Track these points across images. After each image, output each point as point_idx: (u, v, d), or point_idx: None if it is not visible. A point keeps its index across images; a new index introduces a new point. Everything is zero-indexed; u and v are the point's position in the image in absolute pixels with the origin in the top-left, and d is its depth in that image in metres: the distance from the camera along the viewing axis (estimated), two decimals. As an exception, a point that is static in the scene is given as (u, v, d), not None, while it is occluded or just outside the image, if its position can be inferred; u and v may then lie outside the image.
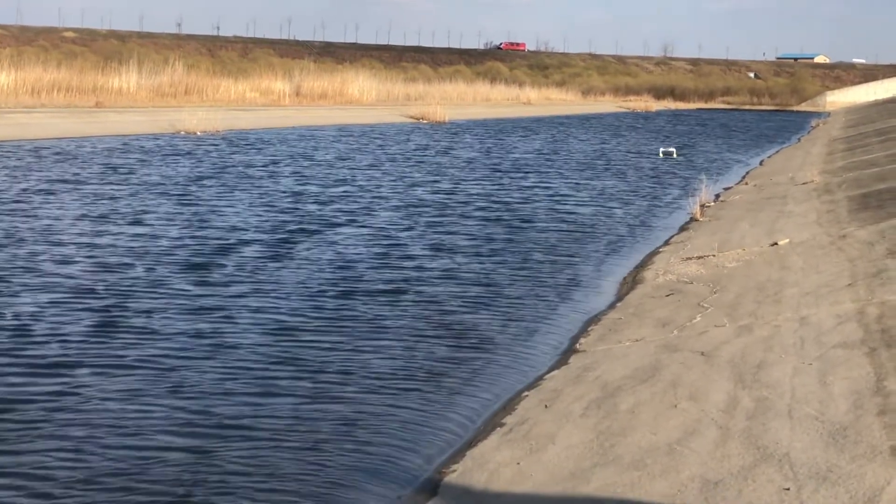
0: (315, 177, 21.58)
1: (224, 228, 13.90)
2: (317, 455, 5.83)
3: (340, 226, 14.61)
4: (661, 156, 31.28)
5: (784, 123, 64.55)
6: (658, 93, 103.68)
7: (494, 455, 5.60)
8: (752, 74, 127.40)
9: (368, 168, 24.19)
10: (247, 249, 12.31)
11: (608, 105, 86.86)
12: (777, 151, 34.81)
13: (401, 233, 14.14)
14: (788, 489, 4.46)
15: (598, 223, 15.87)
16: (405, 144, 33.33)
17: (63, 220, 14.12)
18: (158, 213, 15.11)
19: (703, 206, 16.40)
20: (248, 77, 53.12)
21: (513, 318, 9.25)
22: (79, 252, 11.76)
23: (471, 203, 17.76)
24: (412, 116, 48.87)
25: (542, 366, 7.75)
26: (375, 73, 65.17)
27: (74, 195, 16.88)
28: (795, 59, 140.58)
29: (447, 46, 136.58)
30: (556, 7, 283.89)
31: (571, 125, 52.68)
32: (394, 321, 8.99)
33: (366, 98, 55.96)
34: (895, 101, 57.82)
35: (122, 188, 18.08)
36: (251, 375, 7.27)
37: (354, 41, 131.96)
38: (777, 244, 11.36)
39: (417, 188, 20.09)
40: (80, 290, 9.72)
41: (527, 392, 6.92)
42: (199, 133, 32.65)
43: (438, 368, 7.59)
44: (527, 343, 8.47)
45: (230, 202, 16.75)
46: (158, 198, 16.95)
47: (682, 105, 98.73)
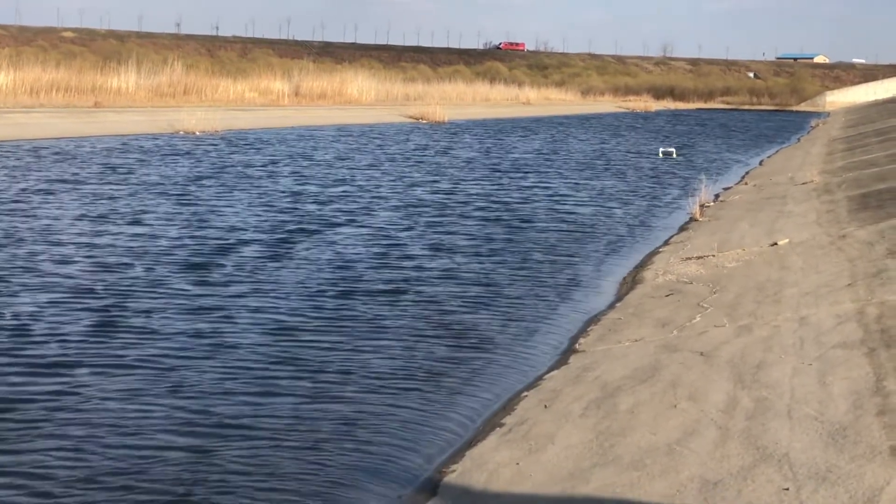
0: (314, 177, 21.58)
1: (223, 228, 13.90)
2: (317, 454, 5.83)
3: (340, 226, 14.61)
4: (661, 156, 31.28)
5: (783, 123, 64.55)
6: (657, 93, 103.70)
7: (494, 455, 5.60)
8: (752, 74, 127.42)
9: (368, 168, 24.19)
10: (246, 249, 12.31)
11: (607, 105, 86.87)
12: (776, 151, 34.82)
13: (400, 233, 14.14)
14: (788, 489, 4.46)
15: (598, 223, 15.87)
16: (404, 144, 33.34)
17: (62, 220, 14.13)
18: (157, 213, 15.11)
19: (703, 206, 16.40)
20: (247, 77, 53.13)
21: (512, 318, 9.25)
22: (78, 252, 11.76)
23: (470, 203, 17.76)
24: (411, 116, 48.87)
25: (542, 366, 7.75)
26: (374, 73, 65.23)
27: (73, 195, 16.88)
28: (795, 59, 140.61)
29: (446, 46, 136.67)
30: (556, 7, 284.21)
31: (571, 125, 52.68)
32: (393, 321, 8.99)
33: (365, 98, 55.99)
34: (895, 101, 57.84)
35: (121, 188, 18.08)
36: (251, 375, 7.28)
37: (353, 41, 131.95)
38: (777, 244, 11.36)
39: (417, 188, 20.09)
40: (80, 290, 9.73)
41: (526, 392, 6.93)
42: (198, 133, 32.64)
43: (438, 368, 7.60)
44: (526, 343, 8.47)
45: (229, 202, 16.76)
46: (157, 198, 16.95)
47: (682, 105, 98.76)
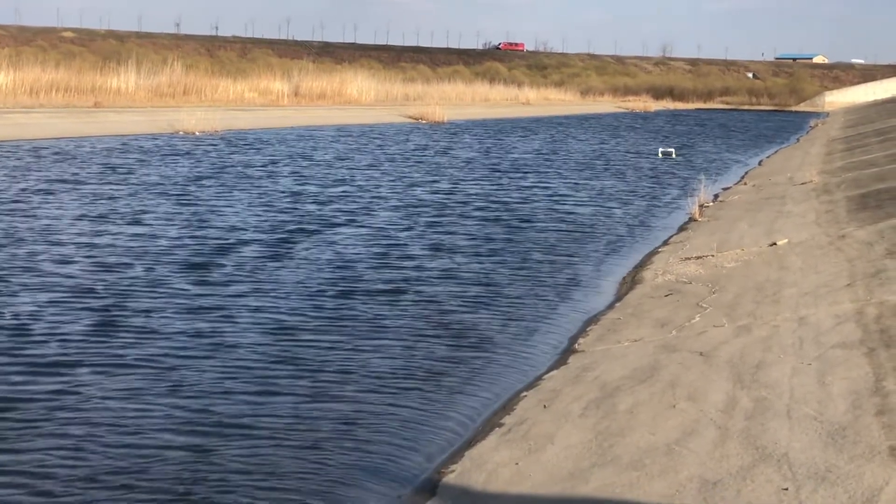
0: (314, 177, 21.58)
1: (223, 228, 13.91)
2: (317, 454, 5.84)
3: (339, 226, 14.62)
4: (660, 156, 31.29)
5: (783, 124, 64.55)
6: (657, 93, 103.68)
7: (493, 455, 5.61)
8: (751, 74, 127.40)
9: (367, 168, 24.19)
10: (246, 249, 12.32)
11: (607, 105, 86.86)
12: (776, 152, 34.82)
13: (400, 233, 14.15)
14: (787, 489, 4.47)
15: (597, 223, 15.88)
16: (404, 144, 33.34)
17: (62, 220, 14.13)
18: (157, 213, 15.12)
19: (702, 207, 16.41)
20: (247, 77, 53.11)
21: (512, 318, 9.26)
22: (78, 252, 11.76)
23: (470, 203, 17.77)
24: (411, 116, 48.87)
25: (542, 366, 7.76)
26: (374, 74, 65.21)
27: (73, 195, 16.88)
28: (794, 60, 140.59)
29: (446, 46, 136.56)
30: (555, 7, 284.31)
31: (570, 125, 52.69)
32: (393, 321, 9.00)
33: (364, 98, 55.98)
34: (894, 102, 57.85)
35: (121, 188, 18.09)
36: (251, 375, 7.29)
37: (353, 41, 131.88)
38: (776, 244, 11.37)
39: (416, 188, 20.10)
40: (80, 290, 9.74)
41: (526, 392, 6.93)
42: (198, 133, 32.64)
43: (438, 368, 7.61)
44: (526, 343, 8.48)
45: (229, 202, 16.76)
46: (157, 198, 16.96)
47: (681, 105, 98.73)
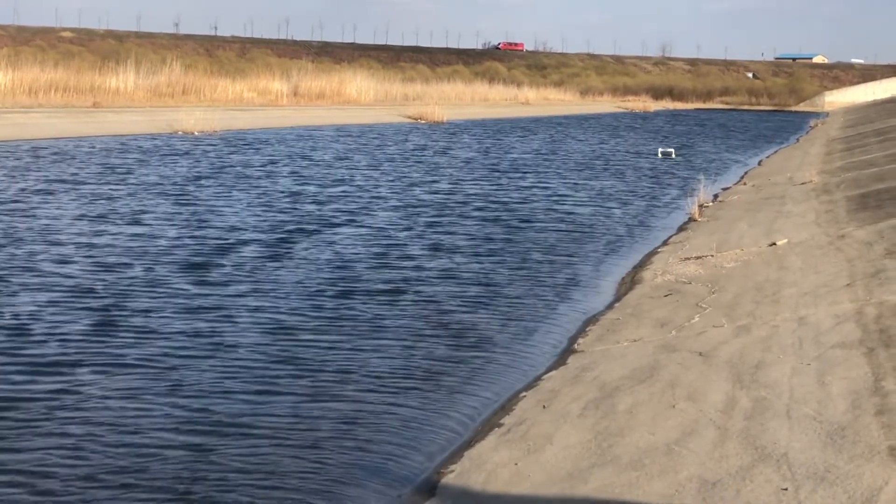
0: (313, 177, 21.58)
1: (222, 228, 13.91)
2: (316, 453, 5.84)
3: (339, 226, 14.62)
4: (660, 156, 31.29)
5: (782, 124, 64.57)
6: (656, 93, 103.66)
7: (492, 455, 5.61)
8: (751, 74, 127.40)
9: (367, 168, 24.19)
10: (245, 249, 12.32)
11: (606, 105, 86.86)
12: (775, 152, 34.83)
13: (399, 233, 14.15)
14: (786, 489, 4.47)
15: (597, 223, 15.88)
16: (403, 144, 33.34)
17: (61, 220, 14.13)
18: (157, 213, 15.12)
19: (702, 207, 16.41)
20: (246, 77, 53.10)
21: (511, 318, 9.26)
22: (77, 252, 11.77)
23: (469, 203, 17.77)
24: (410, 116, 48.87)
25: (541, 366, 7.76)
26: (373, 73, 65.21)
27: (72, 195, 16.88)
28: (794, 60, 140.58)
29: (445, 46, 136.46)
30: (555, 7, 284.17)
31: (570, 125, 52.69)
32: (393, 321, 9.00)
33: (364, 98, 55.99)
34: (893, 102, 57.88)
35: (120, 188, 18.09)
36: (250, 374, 7.29)
37: (352, 41, 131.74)
38: (775, 244, 11.37)
39: (416, 188, 20.10)
40: (80, 290, 9.74)
41: (525, 392, 6.93)
42: (197, 133, 32.64)
43: (437, 368, 7.61)
44: (525, 343, 8.48)
45: (228, 202, 16.76)
46: (156, 198, 16.96)
47: (681, 105, 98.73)
